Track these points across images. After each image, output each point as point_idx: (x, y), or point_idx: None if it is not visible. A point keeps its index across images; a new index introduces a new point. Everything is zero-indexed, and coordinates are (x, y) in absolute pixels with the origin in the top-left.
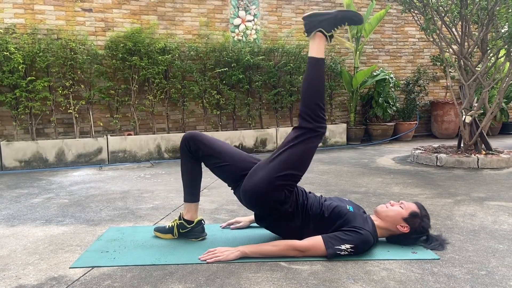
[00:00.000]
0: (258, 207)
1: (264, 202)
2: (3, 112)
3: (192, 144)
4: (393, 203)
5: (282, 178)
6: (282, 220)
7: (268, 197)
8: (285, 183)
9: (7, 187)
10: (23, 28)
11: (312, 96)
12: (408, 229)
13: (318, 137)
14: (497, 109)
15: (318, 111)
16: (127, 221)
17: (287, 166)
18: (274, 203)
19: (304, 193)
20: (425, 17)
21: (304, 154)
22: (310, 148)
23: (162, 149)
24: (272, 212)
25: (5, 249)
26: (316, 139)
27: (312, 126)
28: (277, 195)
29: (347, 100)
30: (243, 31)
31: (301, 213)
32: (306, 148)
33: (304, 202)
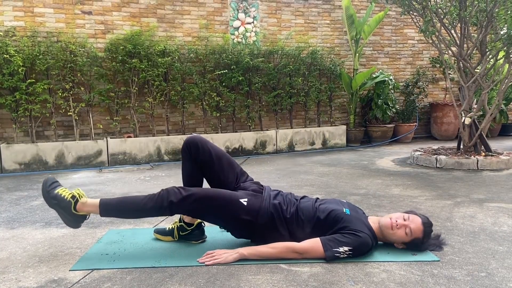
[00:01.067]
0: (245, 235)
1: (242, 232)
2: (3, 115)
3: (193, 148)
4: (400, 225)
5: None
6: (266, 232)
7: (240, 229)
8: (234, 215)
9: (7, 189)
10: (23, 30)
11: (140, 213)
12: (404, 247)
13: (183, 198)
14: (497, 110)
15: (152, 204)
16: (127, 223)
17: (221, 213)
18: (247, 228)
19: (293, 200)
20: (424, 19)
21: (209, 203)
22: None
23: (162, 151)
24: (255, 232)
25: (5, 252)
26: (185, 200)
27: (170, 206)
28: (241, 224)
29: (346, 102)
30: (242, 33)
31: (286, 221)
32: (204, 204)
33: (291, 210)
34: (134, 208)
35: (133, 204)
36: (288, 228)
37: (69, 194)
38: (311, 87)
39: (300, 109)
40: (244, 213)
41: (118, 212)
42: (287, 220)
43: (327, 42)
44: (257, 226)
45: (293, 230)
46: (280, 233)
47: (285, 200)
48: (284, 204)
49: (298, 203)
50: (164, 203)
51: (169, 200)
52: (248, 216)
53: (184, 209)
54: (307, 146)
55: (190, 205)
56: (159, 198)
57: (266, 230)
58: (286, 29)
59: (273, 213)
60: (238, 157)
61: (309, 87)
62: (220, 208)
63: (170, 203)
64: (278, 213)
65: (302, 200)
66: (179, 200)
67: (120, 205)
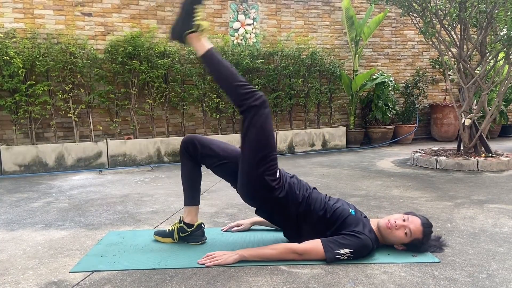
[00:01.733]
0: (252, 201)
1: (254, 194)
2: (3, 117)
3: (191, 146)
4: (399, 226)
5: (256, 167)
6: (276, 209)
7: (255, 189)
8: (262, 170)
9: (7, 191)
10: (23, 32)
11: (227, 85)
12: (404, 248)
13: (260, 110)
14: (497, 111)
15: (241, 91)
16: (127, 225)
17: (252, 154)
18: (262, 193)
19: (307, 187)
20: (424, 20)
21: (260, 133)
22: (262, 124)
23: (161, 153)
24: (265, 202)
25: (5, 254)
26: (260, 113)
27: (247, 105)
28: (262, 184)
29: (346, 103)
30: (242, 34)
31: (297, 203)
32: (257, 127)
33: (305, 195)
34: (227, 79)
35: (230, 76)
36: (297, 211)
37: (199, 20)
38: (311, 89)
39: (300, 110)
40: (271, 177)
41: (213, 67)
42: (297, 203)
43: (327, 43)
44: (272, 196)
45: (301, 215)
46: (288, 212)
47: (299, 184)
48: (299, 186)
49: (311, 191)
50: (250, 100)
51: (252, 104)
52: (271, 181)
53: (252, 116)
54: (307, 147)
55: (259, 117)
56: (248, 94)
57: (277, 204)
58: (286, 30)
59: (288, 190)
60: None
61: (309, 88)
62: (264, 147)
63: (251, 106)
64: (292, 192)
65: (314, 190)
66: (258, 105)
67: (220, 67)
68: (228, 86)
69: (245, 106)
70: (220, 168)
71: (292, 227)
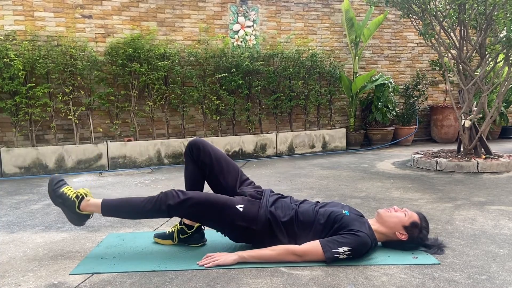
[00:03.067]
0: (248, 241)
1: (243, 238)
2: (3, 119)
3: (194, 149)
4: (397, 209)
5: (224, 222)
6: (265, 237)
7: (240, 235)
8: (228, 220)
9: (7, 193)
10: (23, 34)
11: (142, 212)
12: (406, 237)
13: (177, 200)
14: (496, 113)
15: (151, 205)
16: (126, 227)
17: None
18: (247, 233)
19: (293, 205)
20: (423, 22)
21: (202, 208)
22: (194, 203)
23: (162, 155)
24: (256, 235)
25: (5, 256)
26: (179, 201)
27: (167, 207)
28: (238, 229)
29: (346, 105)
30: (242, 36)
31: (284, 225)
32: (196, 209)
33: (291, 214)
34: (134, 210)
35: (133, 205)
36: (287, 232)
37: (73, 194)
38: (311, 90)
39: (300, 112)
40: (240, 219)
41: (118, 213)
42: (285, 224)
43: (326, 45)
44: (253, 232)
45: (293, 234)
46: (278, 239)
47: (283, 206)
48: (282, 210)
49: (298, 207)
50: (162, 206)
51: (167, 203)
52: (243, 222)
53: (182, 213)
54: (307, 149)
55: (188, 209)
56: (157, 201)
57: (264, 236)
58: (286, 32)
59: (270, 219)
60: (238, 161)
61: (309, 90)
62: (216, 214)
63: (168, 207)
64: (276, 219)
65: (301, 204)
66: (176, 204)
67: (121, 206)
68: (142, 211)
69: (167, 210)
70: (209, 179)
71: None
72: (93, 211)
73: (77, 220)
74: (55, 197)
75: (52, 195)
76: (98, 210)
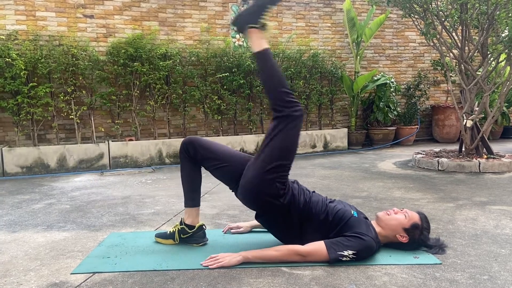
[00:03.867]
0: (255, 205)
1: (259, 198)
2: (5, 118)
3: (190, 148)
4: (396, 211)
5: (270, 172)
6: (279, 216)
7: (262, 193)
8: (275, 176)
9: (9, 193)
10: (25, 34)
11: (273, 87)
12: (406, 239)
13: (295, 121)
14: (498, 113)
15: (285, 97)
16: (128, 226)
17: (272, 159)
18: (268, 198)
19: (306, 191)
20: (425, 22)
21: (286, 142)
22: (291, 135)
23: (163, 154)
24: (269, 208)
25: (7, 255)
26: (294, 124)
27: (285, 113)
28: (270, 190)
29: (348, 105)
30: (243, 36)
31: (299, 209)
32: (286, 135)
33: (306, 199)
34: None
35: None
36: (299, 216)
37: (266, 21)
38: (312, 90)
39: None
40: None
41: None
42: (300, 208)
43: (328, 45)
44: (277, 205)
45: (303, 220)
46: (291, 218)
47: (299, 189)
48: (299, 191)
49: (311, 195)
50: (290, 109)
51: (292, 113)
52: (282, 186)
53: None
54: (309, 149)
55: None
56: (292, 102)
57: (279, 210)
58: (287, 32)
59: (291, 196)
60: None
61: (310, 90)
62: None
63: (289, 114)
64: (294, 197)
65: (314, 194)
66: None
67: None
68: (274, 89)
69: (284, 113)
70: (219, 171)
71: (295, 235)
72: (253, 45)
73: (240, 24)
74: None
75: None
76: (257, 48)
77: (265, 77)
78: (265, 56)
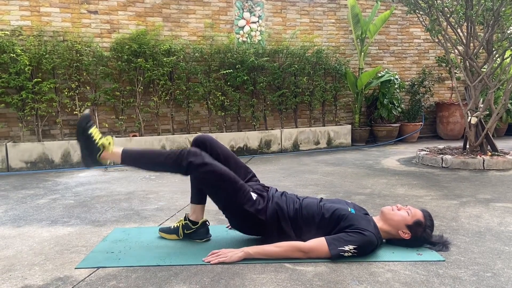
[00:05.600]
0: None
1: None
2: (10, 114)
3: (201, 144)
4: (400, 207)
5: (233, 203)
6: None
7: (245, 221)
8: (239, 201)
9: (13, 188)
10: (29, 30)
11: (161, 163)
12: (409, 236)
13: (198, 159)
14: (503, 110)
15: (173, 158)
16: (132, 222)
17: (224, 196)
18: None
19: (296, 200)
20: (430, 18)
21: (215, 176)
22: (210, 170)
23: None
24: (259, 226)
25: (11, 250)
26: (199, 162)
27: (187, 164)
28: (246, 214)
29: (351, 102)
30: (247, 32)
31: (290, 218)
32: (209, 174)
33: (296, 207)
34: (154, 161)
35: (154, 156)
36: (292, 226)
37: (100, 139)
38: (316, 87)
39: (305, 108)
40: (251, 205)
41: (137, 162)
42: (291, 218)
43: (332, 41)
44: (262, 223)
45: (298, 228)
46: (285, 232)
47: (288, 199)
48: (287, 202)
49: (301, 201)
50: (184, 162)
51: (189, 160)
52: (252, 209)
53: (198, 175)
54: (312, 145)
55: (206, 174)
56: (180, 156)
57: (272, 228)
58: (291, 28)
59: (278, 211)
60: (243, 156)
61: (314, 86)
62: (231, 191)
63: (188, 164)
64: (282, 212)
65: (305, 199)
66: (198, 164)
67: (142, 156)
68: (162, 163)
69: (186, 166)
70: None
71: None
72: (113, 159)
73: (91, 163)
74: (83, 137)
75: (81, 132)
76: (118, 158)
77: (148, 166)
78: (128, 155)
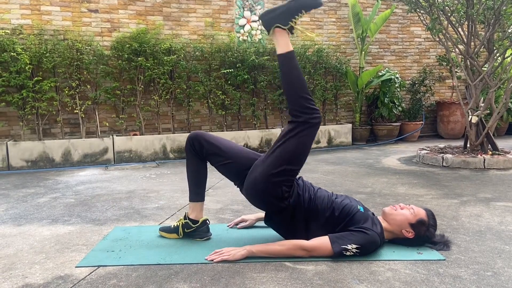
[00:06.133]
0: (260, 204)
1: (264, 199)
2: (10, 112)
3: (196, 143)
4: (403, 206)
5: (278, 175)
6: (285, 217)
7: (267, 194)
8: (282, 179)
9: (14, 186)
10: (30, 29)
11: (293, 92)
12: (412, 235)
13: (312, 128)
14: (504, 109)
15: (304, 103)
16: (132, 220)
17: (282, 162)
18: (273, 200)
19: (311, 188)
20: (431, 17)
21: (299, 147)
22: (305, 141)
23: (167, 149)
24: (274, 208)
25: (12, 248)
26: (310, 131)
27: (303, 119)
28: (275, 192)
29: (352, 101)
30: (248, 31)
31: (304, 208)
32: (299, 141)
33: (311, 196)
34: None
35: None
36: (305, 214)
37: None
38: (316, 85)
39: None
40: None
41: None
42: (304, 206)
43: (333, 40)
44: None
45: (309, 218)
46: (296, 219)
47: (304, 185)
48: (303, 189)
49: (316, 191)
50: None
51: (310, 120)
52: (286, 189)
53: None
54: (313, 144)
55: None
56: (311, 109)
57: (284, 210)
58: None
59: (295, 196)
60: None
61: (315, 85)
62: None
63: (307, 120)
64: (299, 195)
65: (319, 190)
66: (314, 123)
67: (295, 70)
68: (294, 93)
69: (301, 119)
70: (224, 167)
71: (301, 235)
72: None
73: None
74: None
75: None
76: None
77: (286, 81)
78: (290, 58)
